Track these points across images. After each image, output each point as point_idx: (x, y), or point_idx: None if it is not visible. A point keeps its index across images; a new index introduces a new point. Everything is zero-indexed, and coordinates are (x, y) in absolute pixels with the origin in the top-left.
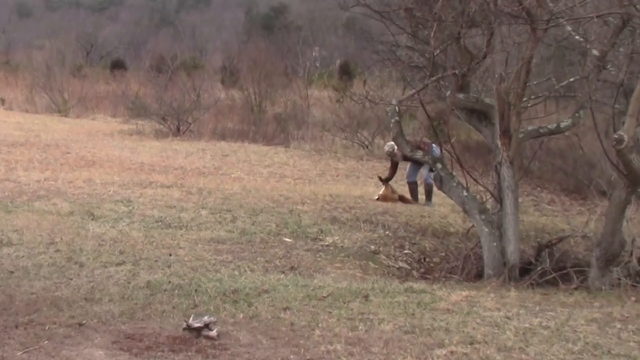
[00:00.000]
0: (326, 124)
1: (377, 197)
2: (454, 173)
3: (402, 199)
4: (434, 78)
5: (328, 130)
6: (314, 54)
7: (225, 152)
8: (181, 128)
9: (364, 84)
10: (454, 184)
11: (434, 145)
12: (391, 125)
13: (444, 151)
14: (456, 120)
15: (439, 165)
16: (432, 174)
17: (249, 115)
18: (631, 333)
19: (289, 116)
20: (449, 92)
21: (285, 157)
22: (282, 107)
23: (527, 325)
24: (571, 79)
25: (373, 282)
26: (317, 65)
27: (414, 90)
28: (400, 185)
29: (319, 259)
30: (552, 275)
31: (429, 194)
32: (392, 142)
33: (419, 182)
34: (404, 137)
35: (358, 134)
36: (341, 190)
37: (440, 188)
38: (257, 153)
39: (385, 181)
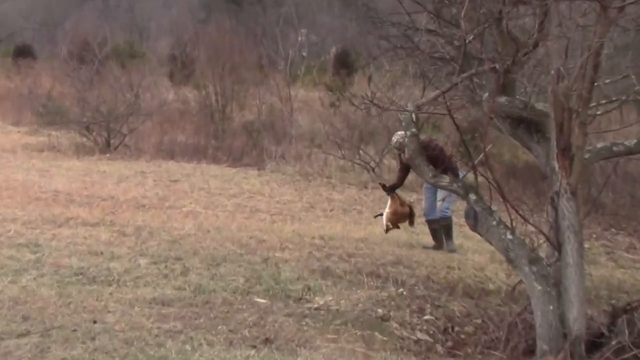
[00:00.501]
0: (316, 137)
1: (384, 223)
2: (494, 207)
3: (411, 215)
4: (465, 74)
5: (319, 145)
6: (299, 38)
7: (175, 177)
8: (112, 142)
9: (369, 82)
10: (494, 222)
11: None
12: (406, 139)
13: (479, 177)
14: (497, 133)
15: (472, 197)
16: (449, 202)
17: (207, 125)
18: None
19: (264, 126)
20: (486, 94)
21: (259, 184)
22: (255, 113)
23: None
24: None
25: None
26: (304, 54)
27: (437, 92)
28: (418, 224)
29: (304, 327)
30: (632, 353)
31: (447, 230)
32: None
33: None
34: (424, 156)
35: (360, 152)
36: (337, 230)
37: (474, 228)
38: (219, 178)
39: (391, 190)
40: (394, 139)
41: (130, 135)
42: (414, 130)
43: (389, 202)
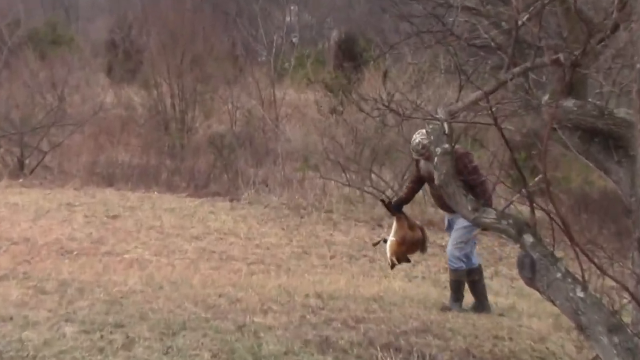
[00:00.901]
0: (311, 156)
1: (388, 258)
2: (558, 253)
3: (423, 240)
4: (517, 69)
5: (315, 167)
6: (288, 19)
7: (114, 211)
8: (27, 162)
9: (384, 79)
10: (559, 274)
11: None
12: (436, 159)
13: (537, 211)
14: (562, 150)
15: (528, 239)
16: (463, 243)
17: (160, 139)
18: None
19: (239, 140)
20: (546, 97)
21: (232, 221)
22: (227, 122)
23: None
24: None
25: None
26: (295, 40)
27: (479, 93)
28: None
29: None
30: None
31: (457, 286)
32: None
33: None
34: (460, 183)
35: (373, 176)
36: (339, 285)
37: (531, 283)
38: (177, 212)
39: (397, 207)
40: (416, 138)
41: (52, 153)
42: (446, 146)
43: (394, 226)
